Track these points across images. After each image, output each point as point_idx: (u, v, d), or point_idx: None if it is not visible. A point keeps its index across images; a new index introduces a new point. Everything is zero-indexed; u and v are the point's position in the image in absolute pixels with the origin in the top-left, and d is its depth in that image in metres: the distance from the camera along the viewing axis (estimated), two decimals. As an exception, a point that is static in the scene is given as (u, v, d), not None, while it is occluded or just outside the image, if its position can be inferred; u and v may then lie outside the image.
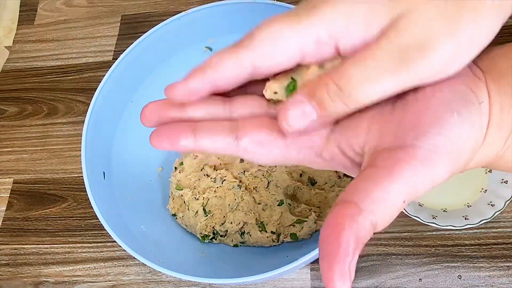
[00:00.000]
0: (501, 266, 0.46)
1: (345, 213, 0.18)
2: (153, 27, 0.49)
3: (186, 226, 0.50)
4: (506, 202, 0.45)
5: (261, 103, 0.24)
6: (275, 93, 0.23)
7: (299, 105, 0.21)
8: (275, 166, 0.50)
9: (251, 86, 0.24)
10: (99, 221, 0.41)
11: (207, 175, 0.50)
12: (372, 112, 0.22)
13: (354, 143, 0.22)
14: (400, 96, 0.21)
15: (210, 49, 0.54)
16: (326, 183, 0.50)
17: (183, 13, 0.50)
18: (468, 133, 0.20)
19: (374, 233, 0.19)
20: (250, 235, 0.47)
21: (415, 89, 0.21)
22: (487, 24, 0.19)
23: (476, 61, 0.21)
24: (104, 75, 0.48)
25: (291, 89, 0.22)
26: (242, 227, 0.47)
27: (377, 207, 0.18)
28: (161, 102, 0.24)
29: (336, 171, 0.49)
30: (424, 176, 0.19)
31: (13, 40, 0.69)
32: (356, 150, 0.22)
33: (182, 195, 0.50)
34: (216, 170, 0.50)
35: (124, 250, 0.40)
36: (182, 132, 0.23)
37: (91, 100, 0.47)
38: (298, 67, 0.22)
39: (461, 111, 0.20)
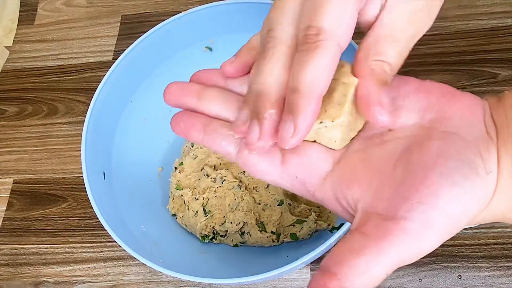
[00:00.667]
0: (501, 266, 0.46)
1: (326, 284, 0.19)
2: (153, 27, 0.49)
3: (186, 226, 0.50)
4: (506, 202, 0.45)
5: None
6: None
7: (380, 91, 0.21)
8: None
9: None
10: (99, 221, 0.41)
11: (207, 175, 0.50)
12: (374, 167, 0.21)
13: (348, 195, 0.22)
14: (404, 154, 0.21)
15: (210, 49, 0.54)
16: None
17: (183, 13, 0.50)
18: (467, 206, 0.19)
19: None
20: (250, 235, 0.47)
21: (420, 145, 0.20)
22: None
23: (492, 110, 0.21)
24: (104, 75, 0.48)
25: None
26: (242, 227, 0.47)
27: (360, 281, 0.19)
28: (183, 85, 0.26)
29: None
30: (411, 249, 0.19)
31: (13, 40, 0.69)
32: (349, 201, 0.22)
33: (182, 195, 0.50)
34: (216, 170, 0.50)
35: (124, 250, 0.40)
36: (194, 126, 0.24)
37: (91, 100, 0.47)
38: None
39: (463, 184, 0.19)
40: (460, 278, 0.46)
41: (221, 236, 0.48)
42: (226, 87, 0.26)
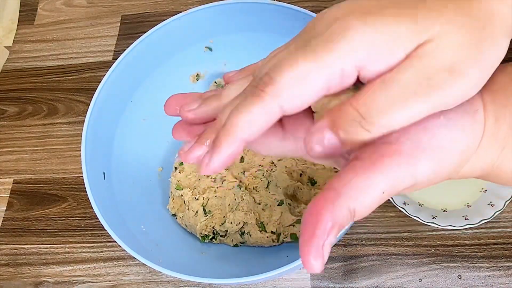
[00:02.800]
0: (501, 266, 0.46)
1: (325, 197, 0.19)
2: (153, 27, 0.49)
3: (186, 226, 0.50)
4: (506, 202, 0.45)
5: None
6: None
7: (320, 132, 0.20)
8: (275, 166, 0.50)
9: None
10: (99, 221, 0.41)
11: (207, 175, 0.50)
12: None
13: None
14: None
15: (210, 49, 0.54)
16: (326, 183, 0.50)
17: (183, 13, 0.50)
18: (457, 136, 0.20)
19: (356, 222, 0.20)
20: (250, 235, 0.47)
21: None
22: (502, 47, 0.20)
23: None
24: (104, 75, 0.48)
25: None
26: (242, 227, 0.47)
27: (356, 194, 0.19)
28: (182, 97, 0.26)
29: (336, 171, 0.49)
30: (405, 171, 0.20)
31: (13, 40, 0.69)
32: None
33: (182, 195, 0.50)
34: (216, 170, 0.50)
35: (124, 250, 0.40)
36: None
37: (91, 100, 0.47)
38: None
39: (449, 115, 0.20)
40: (460, 278, 0.46)
41: (221, 236, 0.48)
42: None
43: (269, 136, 0.24)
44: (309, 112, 0.23)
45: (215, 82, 0.55)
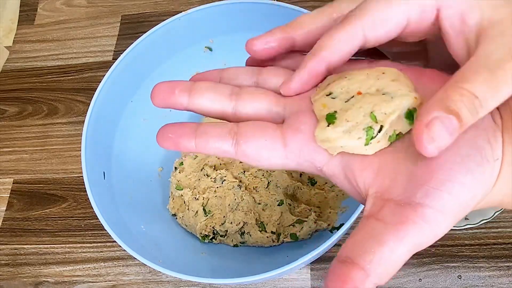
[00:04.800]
0: (501, 266, 0.46)
1: (351, 277, 0.18)
2: (153, 27, 0.49)
3: (186, 226, 0.50)
4: (506, 202, 0.45)
5: (270, 100, 0.24)
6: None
7: (440, 120, 0.19)
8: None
9: (285, 59, 0.26)
10: (99, 221, 0.41)
11: (207, 175, 0.50)
12: (385, 151, 0.21)
13: (358, 177, 0.22)
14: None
15: (210, 49, 0.54)
16: (326, 183, 0.50)
17: (183, 13, 0.50)
18: (477, 192, 0.20)
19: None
20: (250, 235, 0.47)
21: None
22: None
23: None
24: (104, 75, 0.48)
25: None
26: (242, 227, 0.47)
27: (382, 269, 0.18)
28: (172, 83, 0.25)
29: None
30: (428, 235, 0.19)
31: (13, 40, 0.69)
32: (359, 184, 0.22)
33: (182, 195, 0.50)
34: (216, 170, 0.50)
35: (124, 250, 0.40)
36: (184, 135, 0.23)
37: (91, 100, 0.47)
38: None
39: (475, 171, 0.19)
40: (460, 278, 0.46)
41: (221, 236, 0.48)
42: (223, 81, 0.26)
43: (269, 155, 0.23)
44: (312, 135, 0.23)
45: (215, 82, 0.55)
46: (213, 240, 0.49)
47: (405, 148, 0.21)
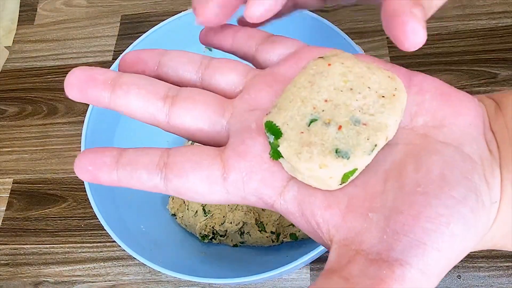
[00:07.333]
0: (501, 266, 0.46)
1: None
2: (153, 27, 0.49)
3: (186, 226, 0.50)
4: (505, 202, 0.45)
5: (214, 109, 0.20)
6: None
7: (412, 14, 0.17)
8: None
9: None
10: (99, 221, 0.41)
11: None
12: (356, 183, 0.17)
13: (319, 217, 0.17)
14: (396, 169, 0.17)
15: (210, 49, 0.54)
16: None
17: (183, 13, 0.50)
18: (468, 243, 0.16)
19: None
20: (250, 235, 0.47)
21: (415, 159, 0.17)
22: None
23: (490, 120, 0.18)
24: (104, 75, 0.48)
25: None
26: (242, 227, 0.47)
27: None
28: (90, 71, 0.20)
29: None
30: None
31: (13, 40, 0.69)
32: (321, 227, 0.18)
33: (182, 195, 0.50)
34: (216, 170, 0.50)
35: (124, 250, 0.40)
36: (103, 167, 0.19)
37: (91, 100, 0.47)
38: None
39: (468, 218, 0.16)
40: (459, 278, 0.46)
41: (221, 236, 0.48)
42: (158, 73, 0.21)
43: (207, 185, 0.19)
44: (261, 161, 0.19)
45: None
46: (213, 240, 0.49)
47: (383, 179, 0.17)
